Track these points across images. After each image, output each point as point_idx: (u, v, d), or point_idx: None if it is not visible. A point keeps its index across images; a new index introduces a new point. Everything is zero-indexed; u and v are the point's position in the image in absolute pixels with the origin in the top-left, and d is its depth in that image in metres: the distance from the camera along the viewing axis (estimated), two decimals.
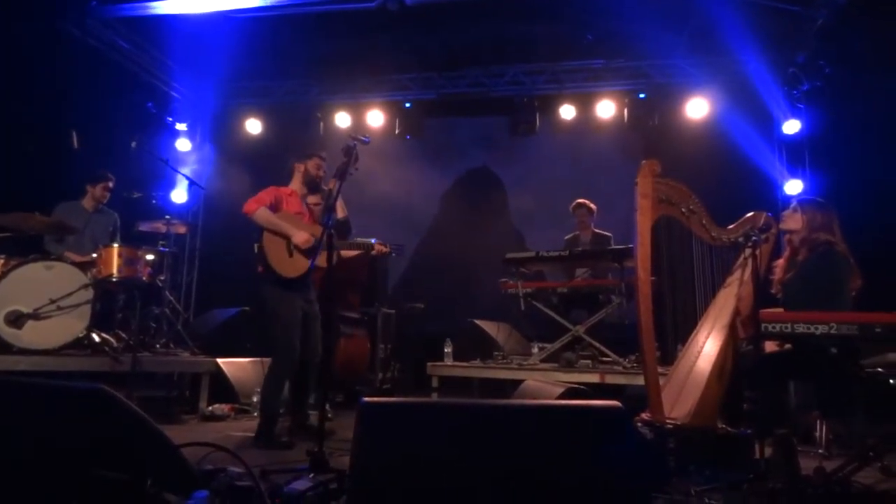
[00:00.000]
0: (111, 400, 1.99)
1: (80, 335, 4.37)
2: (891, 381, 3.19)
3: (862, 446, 3.12)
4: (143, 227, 5.35)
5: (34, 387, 2.03)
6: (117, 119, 6.04)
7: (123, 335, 4.75)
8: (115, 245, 4.67)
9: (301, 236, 3.77)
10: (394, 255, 4.14)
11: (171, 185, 7.27)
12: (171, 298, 5.69)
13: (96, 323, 4.52)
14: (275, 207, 3.88)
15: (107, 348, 4.43)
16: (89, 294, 4.40)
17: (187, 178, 6.30)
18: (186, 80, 7.40)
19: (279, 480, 2.34)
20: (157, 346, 5.10)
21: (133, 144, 5.12)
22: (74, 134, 4.95)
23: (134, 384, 4.12)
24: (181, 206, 7.45)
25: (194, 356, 5.05)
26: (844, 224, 3.24)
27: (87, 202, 5.17)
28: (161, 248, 5.24)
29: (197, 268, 7.83)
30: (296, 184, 4.05)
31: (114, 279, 4.57)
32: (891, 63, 5.47)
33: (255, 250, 3.81)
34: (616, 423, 1.77)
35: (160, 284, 5.14)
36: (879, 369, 3.28)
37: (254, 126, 7.73)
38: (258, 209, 3.81)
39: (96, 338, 4.46)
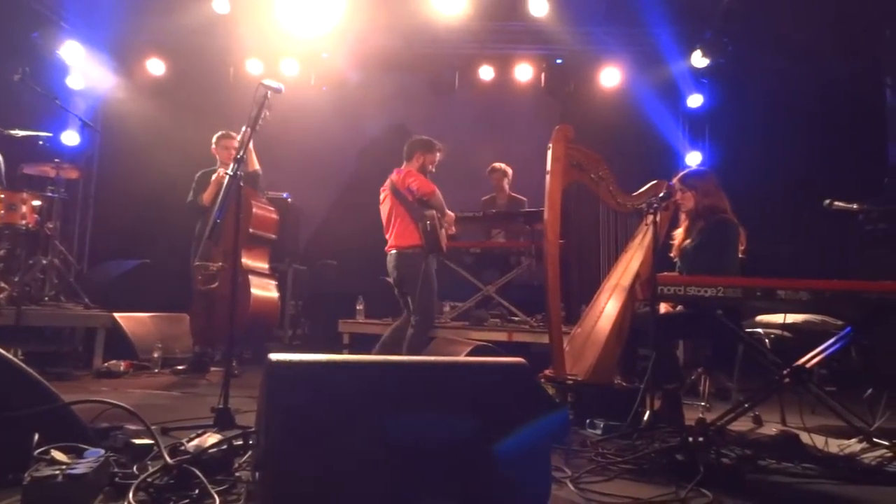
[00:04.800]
0: None
1: None
2: (766, 340, 3.51)
3: (737, 399, 3.42)
4: (29, 169, 4.90)
5: None
6: None
7: (5, 286, 4.39)
8: None
9: (451, 218, 4.41)
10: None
11: (63, 125, 6.68)
12: (62, 248, 5.29)
13: None
14: None
15: None
16: None
17: (80, 118, 5.80)
18: (79, 8, 6.73)
19: (181, 437, 2.28)
20: (46, 298, 4.76)
21: (16, 77, 4.61)
22: None
23: (19, 339, 3.84)
24: (73, 148, 6.86)
25: (88, 310, 4.76)
26: (735, 193, 3.47)
27: None
28: (49, 194, 4.84)
29: (91, 216, 7.32)
30: (414, 167, 4.32)
31: None
32: (786, 43, 5.83)
33: (428, 228, 4.09)
34: (520, 378, 1.84)
35: (48, 233, 4.77)
36: (759, 330, 3.60)
37: (156, 66, 7.20)
38: (437, 192, 4.19)
39: None
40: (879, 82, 5.71)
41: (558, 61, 7.14)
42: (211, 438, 2.11)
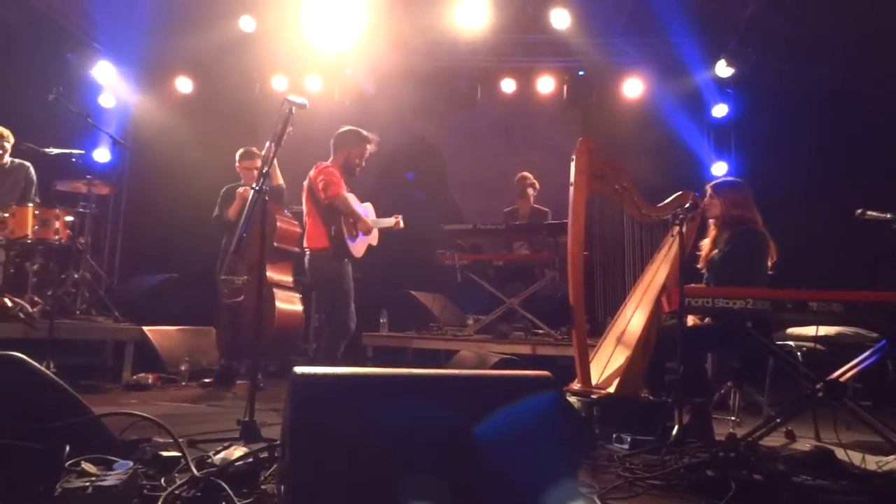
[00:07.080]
0: (24, 367, 1.90)
1: None
2: (798, 353, 3.43)
3: (768, 413, 3.34)
4: (62, 186, 5.03)
5: None
6: (32, 68, 5.61)
7: (39, 300, 4.50)
8: (30, 204, 4.39)
9: (367, 224, 4.15)
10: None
11: (94, 143, 6.86)
12: (93, 262, 5.41)
13: (8, 287, 4.26)
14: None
15: (21, 314, 4.18)
16: (0, 256, 4.14)
17: (111, 136, 5.94)
18: (110, 30, 6.93)
19: (208, 450, 2.29)
20: (77, 311, 4.87)
21: (51, 97, 4.74)
22: None
23: (51, 352, 3.92)
24: (104, 165, 7.05)
25: (117, 323, 4.85)
26: (763, 204, 3.41)
27: None
28: (81, 210, 4.96)
29: (122, 231, 7.48)
30: (337, 163, 4.14)
31: (28, 240, 4.31)
32: (811, 51, 5.74)
33: (332, 233, 3.94)
34: (546, 392, 1.82)
35: (80, 248, 4.88)
36: (790, 342, 3.52)
37: (184, 84, 7.37)
38: (342, 194, 3.97)
39: (8, 302, 4.20)
40: None
41: (580, 73, 7.14)
42: (237, 451, 2.12)
